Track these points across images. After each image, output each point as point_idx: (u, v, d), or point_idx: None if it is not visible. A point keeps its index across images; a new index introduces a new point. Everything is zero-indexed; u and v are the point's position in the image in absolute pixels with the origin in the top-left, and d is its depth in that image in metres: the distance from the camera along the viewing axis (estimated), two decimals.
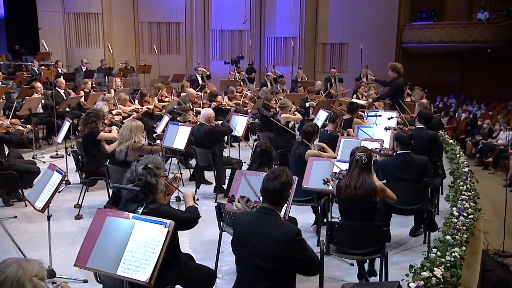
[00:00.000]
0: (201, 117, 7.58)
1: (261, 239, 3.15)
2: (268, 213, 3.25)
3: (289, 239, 3.10)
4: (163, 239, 3.05)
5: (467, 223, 5.92)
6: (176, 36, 20.92)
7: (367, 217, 4.41)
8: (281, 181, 3.25)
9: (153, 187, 3.60)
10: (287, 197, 3.34)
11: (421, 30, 22.55)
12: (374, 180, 4.43)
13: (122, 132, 6.02)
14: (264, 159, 5.00)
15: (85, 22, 18.35)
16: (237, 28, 21.22)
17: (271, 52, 21.80)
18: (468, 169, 8.35)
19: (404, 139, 5.55)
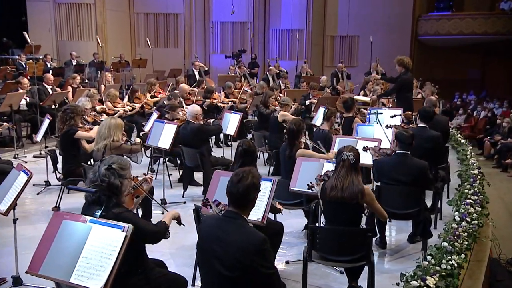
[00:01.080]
0: (187, 114, 7.59)
1: (224, 245, 3.14)
2: (233, 218, 3.24)
3: (252, 247, 3.07)
4: (120, 244, 3.06)
5: (470, 229, 5.88)
6: (174, 28, 20.94)
7: (353, 220, 4.39)
8: (245, 184, 3.23)
9: (116, 189, 3.59)
10: (254, 200, 3.32)
11: (438, 21, 22.43)
12: (361, 183, 4.41)
13: (100, 130, 6.04)
14: (246, 159, 4.99)
15: (77, 13, 18.42)
16: (239, 19, 21.21)
17: (276, 46, 21.78)
18: (479, 171, 8.27)
19: (405, 139, 5.50)
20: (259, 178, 3.37)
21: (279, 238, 5.08)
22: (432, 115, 6.82)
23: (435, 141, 6.62)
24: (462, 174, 8.20)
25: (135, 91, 11.32)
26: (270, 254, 3.17)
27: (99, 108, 9.26)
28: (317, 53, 21.76)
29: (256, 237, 3.13)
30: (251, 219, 4.29)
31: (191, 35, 20.89)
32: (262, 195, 4.38)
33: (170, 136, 7.13)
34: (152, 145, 7.42)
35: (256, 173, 3.35)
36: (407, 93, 9.71)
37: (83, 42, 18.38)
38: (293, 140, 6.14)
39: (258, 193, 3.35)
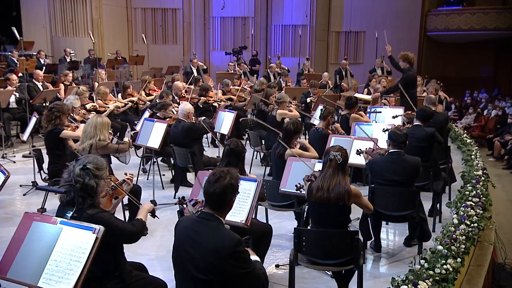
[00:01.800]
0: (179, 112, 7.61)
1: (198, 248, 3.15)
2: (208, 219, 3.25)
3: (226, 249, 3.09)
4: (90, 247, 3.07)
5: (469, 232, 5.87)
6: (173, 24, 20.98)
7: (340, 222, 4.39)
8: (223, 184, 3.25)
9: (92, 190, 3.60)
10: (231, 202, 3.33)
11: (448, 16, 22.38)
12: (348, 183, 4.41)
13: (86, 129, 6.06)
14: (232, 159, 4.99)
15: (72, 8, 18.45)
16: (240, 15, 21.23)
17: (278, 42, 21.81)
18: (483, 172, 8.25)
19: (398, 137, 5.51)
20: (238, 179, 3.38)
21: (267, 240, 5.08)
22: (430, 116, 6.81)
23: (431, 138, 6.60)
24: (465, 175, 8.18)
25: (127, 88, 11.37)
26: (245, 254, 3.19)
27: (90, 106, 9.29)
28: (321, 50, 21.76)
29: (230, 239, 3.14)
30: (235, 221, 4.32)
31: (190, 31, 20.93)
32: (247, 196, 4.41)
33: (160, 135, 7.15)
34: (141, 144, 7.44)
35: (234, 174, 3.37)
36: (411, 89, 9.67)
37: (78, 38, 18.41)
38: (288, 140, 6.14)
39: (235, 195, 3.37)
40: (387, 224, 6.72)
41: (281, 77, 14.71)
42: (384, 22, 21.22)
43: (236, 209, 4.36)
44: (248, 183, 4.47)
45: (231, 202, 3.34)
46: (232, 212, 4.31)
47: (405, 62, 9.78)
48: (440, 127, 7.91)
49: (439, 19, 22.52)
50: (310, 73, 16.13)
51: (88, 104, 9.32)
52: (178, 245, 3.31)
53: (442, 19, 22.46)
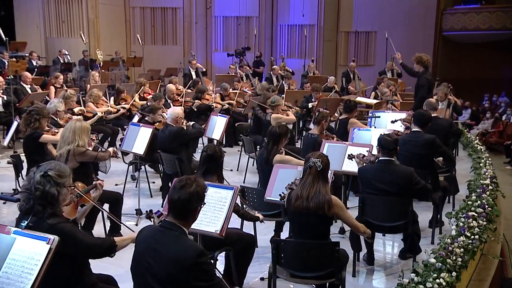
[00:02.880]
0: (167, 117, 7.64)
1: (158, 258, 3.17)
2: (170, 229, 3.27)
3: (188, 260, 3.10)
4: (43, 258, 3.07)
5: (468, 244, 5.82)
6: (173, 24, 21.07)
7: (320, 233, 4.39)
8: (188, 192, 3.26)
9: (52, 198, 3.61)
10: (195, 211, 3.34)
11: (465, 15, 22.29)
12: (329, 192, 4.40)
13: (64, 134, 6.08)
14: (210, 165, 5.01)
15: (67, 8, 18.60)
16: (244, 14, 21.28)
17: (284, 42, 21.82)
18: (492, 181, 8.19)
19: (387, 144, 5.49)
20: (204, 189, 3.40)
21: (250, 252, 5.10)
22: (428, 120, 6.76)
23: (430, 146, 6.55)
24: (471, 184, 8.13)
25: (121, 92, 11.44)
26: (209, 266, 3.20)
27: (77, 109, 9.34)
28: (330, 51, 21.74)
29: (192, 250, 3.15)
30: (209, 231, 4.33)
31: (191, 31, 21.00)
32: (222, 205, 4.42)
33: (145, 141, 7.18)
34: (126, 150, 7.48)
35: (201, 183, 3.39)
36: (426, 94, 9.58)
37: (73, 39, 18.53)
38: (273, 144, 6.14)
39: (201, 205, 3.37)
40: (383, 235, 6.70)
41: (284, 79, 14.71)
42: (397, 21, 21.19)
43: (211, 218, 4.37)
44: (224, 191, 4.48)
45: (196, 212, 3.35)
46: (207, 222, 4.35)
47: (419, 64, 9.69)
48: (444, 133, 7.88)
49: (456, 18, 22.43)
50: (315, 75, 16.12)
51: (75, 108, 9.37)
52: (137, 255, 3.32)
53: (459, 18, 22.37)
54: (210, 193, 4.49)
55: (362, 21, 21.66)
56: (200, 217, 4.31)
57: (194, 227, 4.33)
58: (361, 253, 5.98)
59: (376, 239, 6.46)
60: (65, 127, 6.25)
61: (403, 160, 6.72)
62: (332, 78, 14.27)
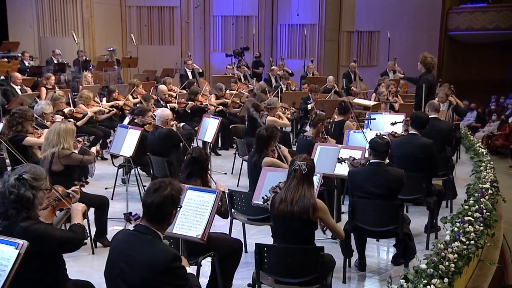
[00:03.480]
0: (156, 118, 7.66)
1: (131, 263, 3.20)
2: (143, 233, 3.29)
3: (160, 264, 3.12)
4: (11, 264, 3.10)
5: (463, 250, 5.82)
6: (170, 23, 21.08)
7: (304, 237, 4.40)
8: (162, 195, 3.28)
9: (27, 202, 3.61)
10: (170, 215, 3.35)
11: (471, 14, 22.32)
12: (315, 196, 4.41)
13: (49, 136, 6.11)
14: (194, 168, 5.02)
15: (61, 7, 18.64)
16: (243, 13, 21.31)
17: (284, 42, 21.80)
18: (491, 185, 8.19)
19: (379, 146, 5.50)
20: (179, 192, 3.42)
21: (236, 258, 5.11)
22: (425, 122, 6.77)
23: (427, 150, 6.56)
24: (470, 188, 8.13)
25: (112, 92, 11.48)
26: (182, 270, 3.22)
27: (67, 110, 9.38)
28: (331, 51, 21.71)
29: (165, 254, 3.18)
30: (191, 236, 4.34)
31: (188, 30, 21.00)
32: (204, 209, 4.43)
33: (133, 143, 7.20)
34: (114, 152, 7.50)
35: (176, 186, 3.41)
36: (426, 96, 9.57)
37: (68, 38, 18.52)
38: (262, 147, 6.17)
39: (176, 209, 3.40)
40: (377, 240, 6.70)
41: (282, 80, 14.71)
42: (400, 21, 21.20)
43: (193, 222, 4.38)
44: (207, 194, 4.49)
45: (171, 216, 3.37)
46: (188, 226, 4.37)
47: (422, 65, 9.66)
48: (443, 136, 7.88)
49: (462, 17, 22.44)
50: (314, 76, 16.12)
51: (66, 109, 9.40)
52: (111, 260, 3.35)
53: (465, 17, 22.37)
54: (193, 197, 4.52)
55: (365, 20, 21.65)
56: (181, 221, 4.39)
57: (175, 231, 4.39)
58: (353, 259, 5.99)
59: (369, 244, 6.49)
60: (49, 129, 6.28)
61: (398, 162, 6.75)
62: (331, 78, 14.25)
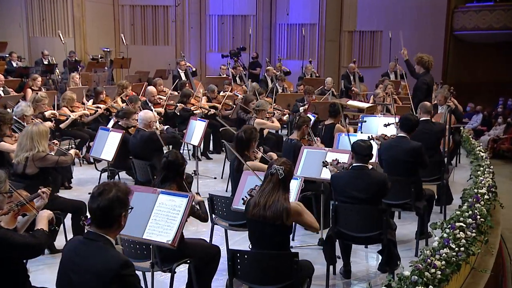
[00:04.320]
0: (139, 121, 7.70)
1: (78, 272, 3.19)
2: (92, 239, 3.28)
3: (109, 272, 3.11)
4: None
5: (452, 257, 5.83)
6: (164, 23, 21.15)
7: (277, 243, 4.42)
8: (107, 198, 3.26)
9: None
10: (119, 218, 3.32)
11: (477, 13, 22.26)
12: (289, 201, 4.44)
13: (21, 141, 6.13)
14: (170, 173, 5.03)
15: (51, 6, 18.71)
16: (240, 13, 21.35)
17: (283, 43, 21.83)
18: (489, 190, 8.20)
19: (361, 150, 5.53)
20: (127, 193, 3.39)
21: (213, 264, 5.13)
22: (414, 124, 6.79)
23: (415, 153, 6.57)
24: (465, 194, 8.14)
25: (99, 94, 11.52)
26: (133, 279, 3.20)
27: (49, 113, 9.41)
28: (332, 52, 21.71)
29: (115, 261, 3.16)
30: (161, 241, 4.37)
31: (183, 30, 21.06)
32: (176, 214, 4.46)
33: (114, 146, 7.24)
34: (94, 156, 7.55)
35: (123, 187, 3.38)
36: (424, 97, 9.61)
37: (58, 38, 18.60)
38: (243, 151, 6.19)
39: (126, 211, 3.37)
40: (366, 247, 6.72)
41: (278, 81, 14.75)
42: (404, 20, 21.13)
43: (164, 228, 4.42)
44: (179, 199, 4.52)
45: (121, 219, 3.33)
46: (159, 231, 4.40)
47: (420, 65, 9.74)
48: (435, 138, 7.91)
49: (468, 16, 22.39)
50: (312, 78, 16.15)
51: (48, 111, 9.45)
52: (60, 270, 3.34)
53: (471, 16, 22.33)
54: (164, 201, 4.56)
55: (367, 20, 21.65)
56: (152, 226, 4.42)
57: (145, 237, 4.42)
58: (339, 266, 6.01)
59: (357, 251, 6.52)
60: (21, 134, 6.29)
61: (386, 166, 6.79)
62: (329, 80, 14.27)
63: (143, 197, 4.62)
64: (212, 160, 11.26)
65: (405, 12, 21.36)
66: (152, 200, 4.58)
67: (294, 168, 6.38)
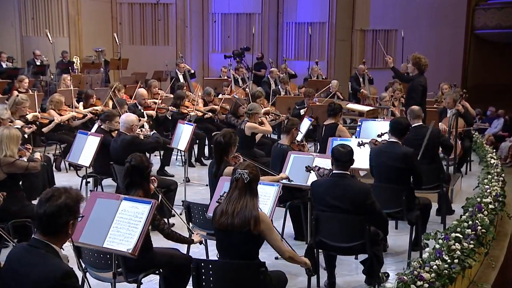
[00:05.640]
0: (120, 124, 7.77)
1: (18, 280, 3.24)
2: (36, 247, 3.32)
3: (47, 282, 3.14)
4: None
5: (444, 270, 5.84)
6: (164, 22, 21.28)
7: (245, 252, 4.46)
8: (55, 204, 3.28)
9: None
10: (66, 226, 3.34)
11: (500, 10, 22.12)
12: (258, 208, 4.47)
13: None
14: (134, 178, 5.08)
15: (45, 4, 18.90)
16: (245, 11, 21.44)
17: (291, 43, 21.86)
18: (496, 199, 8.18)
19: (341, 155, 5.53)
20: (78, 200, 3.42)
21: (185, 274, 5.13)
22: (405, 129, 6.79)
23: (407, 160, 6.58)
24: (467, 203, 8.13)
25: (90, 97, 11.64)
26: None
27: (31, 116, 9.51)
28: (343, 52, 21.69)
29: (55, 270, 3.18)
30: (121, 250, 4.43)
31: (184, 29, 21.16)
32: (138, 221, 4.51)
33: (91, 150, 7.32)
34: (72, 162, 7.63)
35: (74, 194, 3.41)
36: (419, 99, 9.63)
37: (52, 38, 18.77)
38: (221, 156, 6.25)
39: (75, 219, 3.41)
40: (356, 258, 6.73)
41: (280, 83, 14.80)
42: (421, 18, 21.11)
43: (125, 236, 4.47)
44: (141, 205, 4.58)
45: (68, 227, 3.35)
46: (120, 240, 4.46)
47: (415, 66, 9.75)
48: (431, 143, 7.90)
49: (490, 14, 22.27)
50: (318, 79, 16.18)
51: (30, 114, 9.55)
52: (2, 276, 3.38)
53: (494, 14, 22.20)
54: (126, 208, 4.62)
55: (381, 18, 21.61)
56: (113, 234, 4.48)
57: (106, 245, 4.48)
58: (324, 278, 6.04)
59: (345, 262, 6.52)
60: None
61: (377, 173, 6.81)
62: (335, 82, 14.30)
63: (105, 203, 4.70)
64: (207, 166, 11.28)
65: (421, 9, 21.29)
66: (114, 207, 4.64)
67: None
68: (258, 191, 4.66)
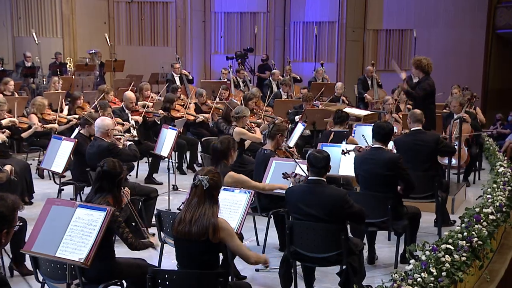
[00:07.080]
0: (95, 129, 7.83)
1: None
2: None
3: None
4: None
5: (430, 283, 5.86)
6: (164, 21, 21.40)
7: (204, 262, 4.52)
8: None
9: None
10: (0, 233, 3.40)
11: None
12: (217, 216, 4.53)
13: None
14: (105, 183, 5.15)
15: (38, 3, 19.08)
16: (249, 9, 21.52)
17: (299, 43, 21.87)
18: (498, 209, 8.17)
19: (316, 161, 5.57)
20: (14, 209, 3.49)
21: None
22: (388, 132, 6.81)
23: (393, 166, 6.61)
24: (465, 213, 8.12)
25: (76, 100, 11.75)
26: None
27: (6, 121, 9.58)
28: (354, 53, 21.65)
29: None
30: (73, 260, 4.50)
31: (185, 29, 21.24)
32: (92, 229, 4.59)
33: (64, 157, 7.39)
34: (45, 168, 7.72)
35: (10, 202, 3.48)
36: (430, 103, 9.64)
37: (45, 38, 18.92)
38: (218, 162, 6.34)
39: (11, 227, 3.47)
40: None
41: (282, 87, 14.84)
42: (438, 17, 21.05)
43: (78, 244, 4.54)
44: (97, 213, 4.64)
45: (1, 235, 3.41)
46: (72, 249, 4.53)
47: (419, 70, 9.74)
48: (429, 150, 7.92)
49: None
50: (323, 82, 16.19)
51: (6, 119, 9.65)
52: None
53: None
54: (81, 215, 4.69)
55: (395, 17, 21.57)
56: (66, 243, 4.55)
57: (58, 255, 4.55)
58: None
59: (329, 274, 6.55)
60: None
61: (363, 181, 6.85)
62: (339, 85, 14.35)
63: (60, 211, 4.76)
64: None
65: (438, 8, 21.21)
66: (69, 215, 4.70)
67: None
68: (230, 198, 4.72)
